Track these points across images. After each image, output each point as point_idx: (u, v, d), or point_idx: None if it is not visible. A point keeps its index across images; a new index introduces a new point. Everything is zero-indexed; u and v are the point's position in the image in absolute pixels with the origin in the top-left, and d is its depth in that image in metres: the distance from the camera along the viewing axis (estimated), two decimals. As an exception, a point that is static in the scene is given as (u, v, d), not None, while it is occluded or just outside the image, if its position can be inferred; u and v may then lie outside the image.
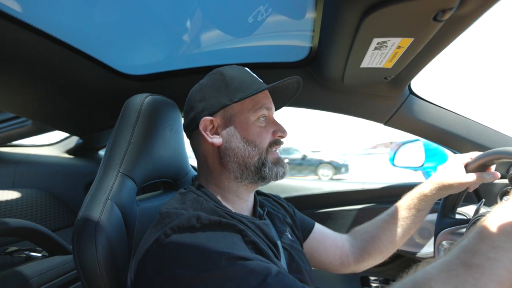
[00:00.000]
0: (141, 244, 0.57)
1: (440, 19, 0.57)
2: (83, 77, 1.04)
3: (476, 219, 0.70)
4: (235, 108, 0.68)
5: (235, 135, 0.67)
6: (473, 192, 1.10)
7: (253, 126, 0.68)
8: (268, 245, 0.63)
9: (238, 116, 0.68)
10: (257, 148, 0.67)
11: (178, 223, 0.54)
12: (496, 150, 0.74)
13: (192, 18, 0.89)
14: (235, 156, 0.67)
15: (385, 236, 0.85)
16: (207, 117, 0.67)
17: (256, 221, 0.67)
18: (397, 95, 1.04)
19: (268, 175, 0.67)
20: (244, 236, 0.57)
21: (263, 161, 0.67)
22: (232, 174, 0.67)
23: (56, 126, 1.43)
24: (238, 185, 0.69)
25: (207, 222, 0.55)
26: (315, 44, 0.91)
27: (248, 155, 0.67)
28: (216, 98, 0.68)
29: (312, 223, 0.90)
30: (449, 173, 0.79)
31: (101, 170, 0.71)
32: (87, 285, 0.59)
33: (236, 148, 0.67)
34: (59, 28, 0.83)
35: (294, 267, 0.69)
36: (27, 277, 0.80)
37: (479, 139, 1.05)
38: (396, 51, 0.72)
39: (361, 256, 0.86)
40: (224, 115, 0.68)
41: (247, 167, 0.67)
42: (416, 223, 0.84)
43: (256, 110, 0.69)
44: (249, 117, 0.68)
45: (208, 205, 0.62)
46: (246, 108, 0.68)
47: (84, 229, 0.60)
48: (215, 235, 0.54)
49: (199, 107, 0.69)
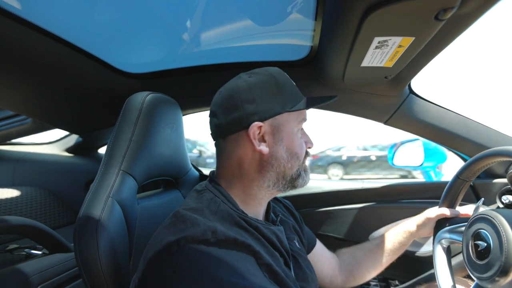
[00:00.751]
0: (151, 241, 0.56)
1: (441, 18, 0.57)
2: (83, 75, 1.04)
3: (475, 217, 0.70)
4: (283, 117, 0.66)
5: (282, 145, 0.65)
6: (472, 191, 1.11)
7: (296, 138, 0.68)
8: (282, 253, 0.63)
9: (285, 126, 0.66)
10: (298, 160, 0.67)
11: (193, 234, 0.52)
12: (490, 151, 0.74)
13: (193, 15, 0.89)
14: (278, 167, 0.65)
15: (370, 263, 0.92)
16: (258, 122, 0.63)
17: (271, 227, 0.66)
18: (397, 94, 1.04)
19: (299, 184, 0.68)
20: (258, 258, 0.55)
21: (300, 172, 0.68)
22: (266, 183, 0.66)
23: (56, 124, 1.43)
24: (266, 192, 0.68)
25: (222, 238, 0.53)
26: (315, 43, 0.91)
27: (290, 166, 0.66)
28: (269, 103, 0.64)
29: (315, 240, 0.92)
30: (422, 215, 0.91)
31: (102, 168, 0.71)
32: (88, 282, 0.59)
33: (281, 158, 0.65)
34: (59, 26, 0.83)
35: (301, 275, 0.69)
36: (27, 274, 0.80)
37: (479, 138, 1.05)
38: (397, 50, 0.72)
39: (347, 279, 0.93)
40: (273, 123, 0.65)
41: (285, 177, 0.66)
42: (397, 254, 0.93)
43: (299, 122, 0.68)
44: (293, 128, 0.67)
45: (225, 207, 0.61)
46: (292, 119, 0.67)
47: (85, 226, 0.60)
48: (228, 256, 0.52)
49: (248, 109, 0.63)
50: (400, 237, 0.92)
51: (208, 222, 0.55)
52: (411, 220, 0.92)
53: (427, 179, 1.54)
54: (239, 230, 0.59)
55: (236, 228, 0.59)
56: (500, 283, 0.58)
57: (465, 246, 0.70)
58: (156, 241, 0.55)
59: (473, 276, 0.66)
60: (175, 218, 0.57)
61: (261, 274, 0.54)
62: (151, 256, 0.53)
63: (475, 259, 0.66)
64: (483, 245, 0.64)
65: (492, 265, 0.61)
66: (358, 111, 1.14)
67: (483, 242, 0.65)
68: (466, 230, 0.72)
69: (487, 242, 0.64)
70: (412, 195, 1.25)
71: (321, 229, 1.34)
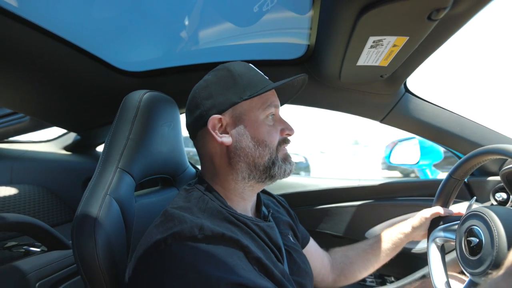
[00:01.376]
0: (142, 240, 0.57)
1: (434, 18, 0.58)
2: (81, 73, 1.04)
3: (468, 215, 0.71)
4: (244, 106, 0.66)
5: (245, 134, 0.65)
6: (466, 189, 1.12)
7: (263, 125, 0.66)
8: (272, 249, 0.63)
9: (247, 115, 0.66)
10: (267, 148, 0.66)
11: (180, 231, 0.52)
12: (482, 149, 0.75)
13: (191, 14, 0.90)
14: (245, 156, 0.65)
15: (362, 263, 0.93)
16: (216, 115, 0.64)
17: (261, 224, 0.66)
18: (393, 93, 1.05)
19: (277, 173, 0.66)
20: (247, 252, 0.55)
21: (274, 160, 0.66)
22: (240, 175, 0.66)
23: (54, 123, 1.43)
24: (244, 186, 0.67)
25: (209, 233, 0.53)
26: (312, 42, 0.92)
27: (258, 155, 0.65)
28: (225, 95, 0.65)
29: (308, 237, 0.92)
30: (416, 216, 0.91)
31: (99, 166, 0.72)
32: (86, 279, 0.60)
33: (246, 147, 0.65)
34: (57, 24, 0.83)
35: (295, 270, 0.70)
36: (25, 271, 0.80)
37: (473, 137, 1.06)
38: (392, 49, 0.73)
39: (338, 278, 0.93)
40: (233, 113, 0.66)
41: (256, 167, 0.65)
42: (390, 256, 0.93)
43: (265, 108, 0.67)
44: (258, 116, 0.66)
45: (214, 205, 0.62)
46: (255, 106, 0.66)
47: (83, 223, 0.60)
48: (216, 252, 0.52)
49: (206, 104, 0.66)
50: (395, 238, 0.92)
51: (196, 219, 0.55)
52: (406, 222, 0.93)
53: (423, 177, 1.56)
54: (229, 225, 0.59)
55: (226, 223, 0.59)
56: (492, 276, 0.59)
57: (458, 242, 0.71)
58: (145, 240, 0.56)
59: (466, 272, 0.68)
60: (164, 217, 0.58)
61: (250, 268, 0.54)
62: (140, 254, 0.54)
63: (468, 255, 0.67)
64: (475, 241, 0.66)
65: (484, 260, 0.62)
66: (355, 110, 1.15)
67: (476, 238, 0.66)
68: (459, 227, 0.73)
69: (479, 238, 0.65)
70: (408, 193, 1.26)
71: (319, 227, 1.35)
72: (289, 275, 0.64)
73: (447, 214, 0.85)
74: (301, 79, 0.72)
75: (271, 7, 0.80)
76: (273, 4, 0.79)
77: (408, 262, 0.99)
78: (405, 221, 0.93)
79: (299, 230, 0.87)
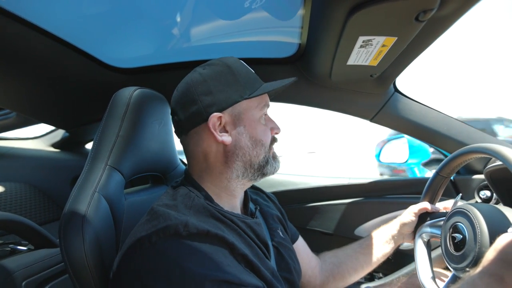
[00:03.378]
0: (127, 238, 0.57)
1: (421, 19, 0.59)
2: (70, 69, 1.02)
3: (453, 211, 0.73)
4: (243, 105, 0.65)
5: (244, 133, 0.65)
6: (452, 187, 1.15)
7: (260, 125, 0.67)
8: (259, 245, 0.64)
9: (246, 114, 0.65)
10: (263, 147, 0.66)
11: (164, 228, 0.52)
12: (467, 148, 0.77)
13: (182, 10, 0.89)
14: (243, 156, 0.65)
15: (351, 263, 0.91)
16: (217, 113, 0.62)
17: (247, 220, 0.66)
18: (382, 92, 1.07)
19: (269, 171, 0.68)
20: (233, 249, 0.55)
21: (267, 159, 0.67)
22: (234, 173, 0.65)
23: (42, 119, 1.40)
24: (236, 184, 0.67)
25: (194, 231, 0.52)
26: (303, 41, 0.92)
27: (255, 154, 0.65)
28: (226, 93, 0.63)
29: (297, 235, 0.91)
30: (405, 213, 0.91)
31: (88, 163, 0.71)
32: (74, 277, 0.59)
33: (245, 147, 0.65)
34: (47, 20, 0.81)
35: (283, 266, 0.70)
36: (11, 270, 0.79)
37: (460, 136, 1.09)
38: (381, 49, 0.74)
39: (327, 279, 0.90)
40: (232, 112, 0.64)
41: (252, 166, 0.66)
42: (380, 256, 0.91)
43: (261, 108, 0.68)
44: (255, 115, 0.67)
45: (200, 201, 0.61)
46: (252, 106, 0.66)
47: (71, 221, 0.60)
48: (201, 249, 0.52)
49: (205, 101, 0.63)
50: (385, 236, 0.92)
51: (181, 216, 0.55)
52: (395, 219, 0.93)
53: (411, 175, 1.59)
54: (215, 222, 0.59)
55: (212, 220, 0.59)
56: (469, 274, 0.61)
57: (443, 238, 0.73)
58: (130, 238, 0.56)
59: (450, 267, 0.70)
60: (149, 215, 0.58)
61: (236, 264, 0.54)
62: (124, 252, 0.54)
63: (452, 250, 0.69)
64: (459, 237, 0.68)
65: (467, 256, 0.64)
66: (345, 109, 1.17)
67: (460, 234, 0.68)
68: (444, 223, 0.75)
69: (463, 235, 0.67)
70: (396, 191, 1.28)
71: (309, 224, 1.36)
72: (277, 272, 0.65)
73: (433, 210, 0.87)
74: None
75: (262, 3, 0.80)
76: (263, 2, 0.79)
77: (396, 258, 1.02)
78: (394, 219, 0.93)
79: (288, 227, 0.87)
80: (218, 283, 0.49)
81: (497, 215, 0.65)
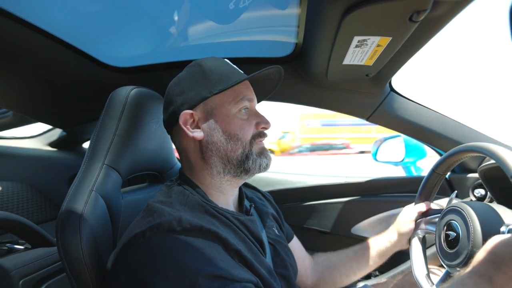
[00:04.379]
0: (124, 235, 0.58)
1: (415, 19, 0.60)
2: (67, 68, 1.02)
3: (448, 209, 0.74)
4: (215, 101, 0.66)
5: (216, 128, 0.66)
6: (447, 185, 1.16)
7: (235, 119, 0.66)
8: (253, 242, 0.64)
9: (219, 109, 0.66)
10: (239, 141, 0.66)
11: (158, 224, 0.53)
12: (462, 147, 0.78)
13: (178, 10, 0.89)
14: (217, 150, 0.65)
15: (343, 269, 0.91)
16: (187, 110, 0.65)
17: (241, 217, 0.67)
18: (378, 91, 1.08)
19: (251, 167, 0.66)
20: (226, 245, 0.56)
21: (247, 154, 0.66)
22: (215, 169, 0.66)
23: (39, 118, 1.39)
24: (221, 180, 0.68)
25: (188, 226, 0.53)
26: (300, 40, 0.93)
27: (230, 149, 0.65)
28: (196, 90, 0.66)
29: (292, 235, 0.92)
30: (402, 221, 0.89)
31: (85, 162, 0.71)
32: (72, 276, 0.60)
33: (218, 141, 0.65)
34: (43, 19, 0.81)
35: (279, 262, 0.71)
36: (9, 269, 0.79)
37: (454, 135, 1.10)
38: (376, 49, 0.75)
39: (318, 281, 0.90)
40: (204, 108, 0.66)
41: (230, 161, 0.66)
42: (374, 265, 0.91)
43: (237, 102, 0.67)
44: (230, 110, 0.66)
45: (194, 198, 0.62)
46: (227, 100, 0.66)
47: (68, 219, 0.60)
48: (195, 244, 0.52)
49: (178, 101, 0.66)
50: (381, 246, 0.91)
51: (175, 212, 0.56)
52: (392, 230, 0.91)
53: (407, 174, 1.60)
54: (209, 218, 0.60)
55: (206, 216, 0.60)
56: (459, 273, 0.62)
57: (438, 236, 0.74)
58: (125, 235, 0.56)
59: (444, 264, 0.71)
60: (145, 212, 0.59)
61: (229, 259, 0.55)
62: (119, 249, 0.55)
63: (446, 248, 0.70)
64: (453, 235, 0.69)
65: (461, 254, 0.65)
66: (341, 108, 1.17)
67: (453, 232, 0.69)
68: (439, 221, 0.76)
69: (456, 232, 0.68)
70: (393, 189, 1.29)
71: (306, 223, 1.37)
72: (273, 268, 0.65)
73: (429, 208, 0.87)
74: (278, 72, 0.71)
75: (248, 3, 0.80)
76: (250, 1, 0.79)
77: (391, 256, 1.03)
78: (390, 228, 0.92)
79: (284, 226, 0.88)
80: (211, 278, 0.49)
81: (490, 214, 0.66)
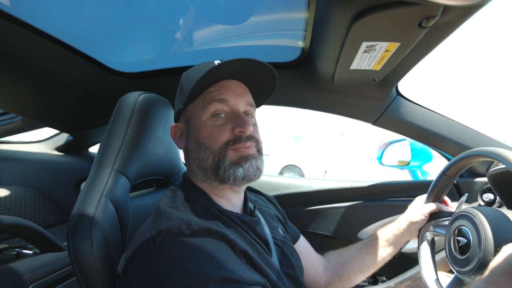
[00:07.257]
0: (133, 239, 0.58)
1: (424, 25, 0.60)
2: (74, 74, 1.03)
3: (458, 214, 0.73)
4: (190, 110, 0.68)
5: (191, 137, 0.67)
6: (455, 189, 1.15)
7: (204, 127, 0.64)
8: (258, 243, 0.64)
9: (193, 118, 0.67)
10: (208, 150, 0.63)
11: (167, 228, 0.54)
12: (473, 151, 0.77)
13: (184, 16, 0.90)
14: (193, 159, 0.67)
15: (356, 263, 0.90)
16: (174, 123, 0.72)
17: (245, 219, 0.67)
18: (385, 96, 1.08)
19: (224, 177, 0.62)
20: (234, 246, 0.56)
21: (217, 163, 0.63)
22: (199, 177, 0.67)
23: (47, 123, 1.41)
24: (208, 186, 0.67)
25: (196, 228, 0.54)
26: (306, 45, 0.93)
27: (202, 158, 0.64)
28: (177, 103, 0.72)
29: (298, 234, 0.91)
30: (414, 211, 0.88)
31: (94, 167, 0.72)
32: (82, 280, 0.60)
33: (192, 150, 0.67)
34: (51, 25, 0.83)
35: (285, 262, 0.70)
36: (20, 273, 0.80)
37: (462, 139, 1.09)
38: (384, 54, 0.75)
39: (332, 279, 0.90)
40: (184, 119, 0.70)
41: (205, 170, 0.65)
42: (386, 256, 0.90)
43: (205, 107, 0.64)
44: (201, 117, 0.65)
45: (199, 200, 0.64)
46: (197, 108, 0.66)
47: (79, 224, 0.60)
48: (204, 246, 0.53)
49: (174, 114, 0.74)
50: (390, 235, 0.89)
51: (182, 216, 0.56)
52: (402, 218, 0.90)
53: (413, 178, 1.59)
54: (215, 220, 0.60)
55: (212, 218, 0.60)
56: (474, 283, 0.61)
57: (448, 241, 0.74)
58: (135, 240, 0.57)
59: (454, 270, 0.70)
60: (153, 216, 0.60)
61: (238, 261, 0.55)
62: (130, 254, 0.55)
63: (456, 253, 0.69)
64: (463, 241, 0.68)
65: (471, 261, 0.64)
66: (348, 112, 1.17)
67: (464, 238, 0.68)
68: (449, 226, 0.75)
69: (467, 238, 0.67)
70: (399, 194, 1.28)
71: (311, 227, 1.36)
72: (279, 268, 0.65)
73: (439, 210, 0.85)
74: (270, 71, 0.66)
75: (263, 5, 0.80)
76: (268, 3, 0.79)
77: (399, 261, 1.02)
78: (401, 217, 0.90)
79: (289, 227, 0.88)
80: (221, 281, 0.49)
81: (501, 220, 0.65)
